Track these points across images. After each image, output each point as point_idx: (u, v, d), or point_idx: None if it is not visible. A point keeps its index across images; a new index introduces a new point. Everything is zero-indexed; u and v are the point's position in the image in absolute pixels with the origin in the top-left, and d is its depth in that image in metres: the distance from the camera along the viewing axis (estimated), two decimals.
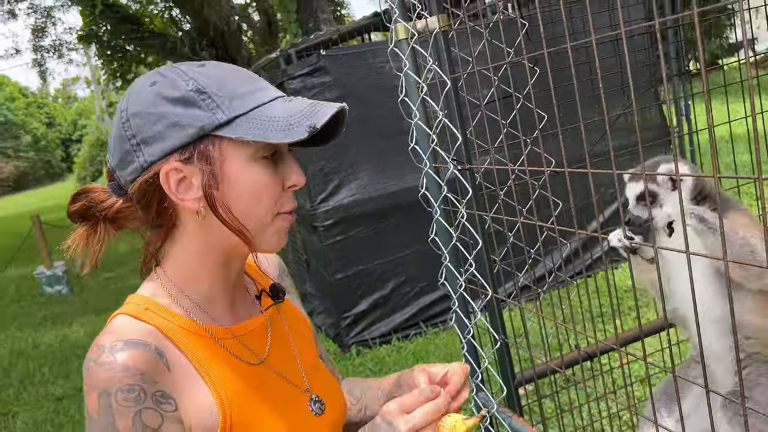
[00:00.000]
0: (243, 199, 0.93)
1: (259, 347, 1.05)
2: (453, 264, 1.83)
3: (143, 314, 0.94)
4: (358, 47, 4.66)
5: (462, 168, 1.67)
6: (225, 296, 1.04)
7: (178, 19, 13.94)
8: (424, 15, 1.66)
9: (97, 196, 0.98)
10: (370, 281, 4.74)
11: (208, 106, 0.90)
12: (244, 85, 0.94)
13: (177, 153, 0.91)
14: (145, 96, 0.92)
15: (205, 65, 0.95)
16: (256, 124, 0.90)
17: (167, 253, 1.00)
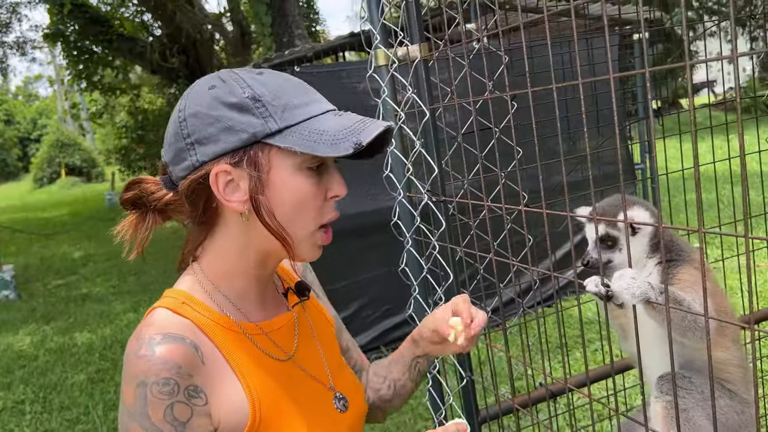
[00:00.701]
0: (286, 206, 0.96)
1: (287, 344, 1.08)
2: (422, 295, 1.79)
3: (180, 308, 0.97)
4: (332, 66, 4.63)
5: (437, 200, 1.65)
6: (257, 293, 1.07)
7: (150, 24, 13.73)
8: (405, 42, 1.64)
9: (149, 187, 1.03)
10: (334, 301, 4.64)
11: (261, 114, 0.93)
12: (298, 96, 0.97)
13: (228, 156, 0.94)
14: (203, 98, 0.95)
15: (264, 73, 0.99)
16: (305, 135, 0.93)
17: (206, 249, 1.04)
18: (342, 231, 5.51)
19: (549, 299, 5.20)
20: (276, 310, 1.11)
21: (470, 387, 1.73)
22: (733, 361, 1.29)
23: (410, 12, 1.62)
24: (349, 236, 4.61)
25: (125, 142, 16.90)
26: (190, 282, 1.03)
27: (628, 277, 1.06)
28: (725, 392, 1.27)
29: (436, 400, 1.77)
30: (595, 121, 2.74)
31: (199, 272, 1.03)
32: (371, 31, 1.68)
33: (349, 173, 3.97)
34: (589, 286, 1.15)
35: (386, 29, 1.68)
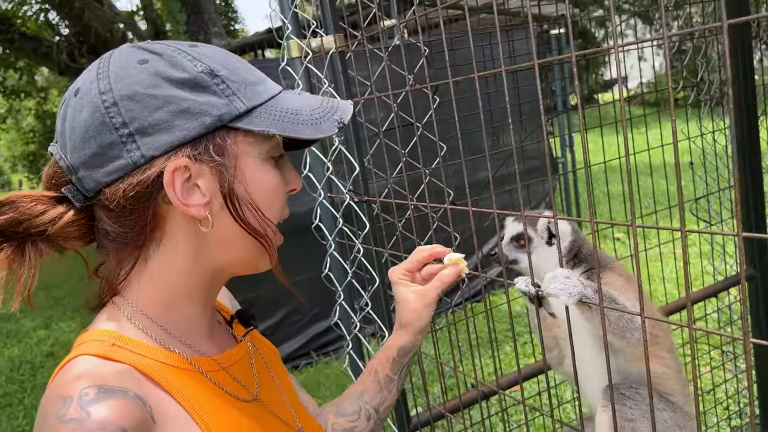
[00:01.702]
0: (259, 203, 0.79)
1: (248, 381, 0.88)
2: (347, 301, 1.70)
3: (110, 352, 0.73)
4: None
5: (359, 200, 1.55)
6: (206, 323, 0.87)
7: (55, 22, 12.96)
8: (320, 33, 1.54)
9: (32, 207, 0.75)
10: (258, 310, 4.49)
11: (223, 91, 0.75)
12: (252, 71, 0.79)
13: (187, 147, 0.74)
14: (137, 76, 0.73)
15: (198, 45, 0.79)
16: (278, 116, 0.76)
17: (132, 276, 0.80)
18: None
19: (477, 294, 5.22)
20: (228, 342, 0.91)
21: (400, 396, 1.65)
22: (669, 374, 1.27)
23: (324, 1, 1.52)
24: None
25: (33, 148, 16.01)
26: (115, 320, 0.79)
27: (562, 278, 1.00)
28: (668, 405, 1.25)
29: None
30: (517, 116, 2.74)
31: (126, 306, 0.80)
32: (282, 21, 1.57)
33: None
34: (519, 284, 1.09)
35: (299, 20, 1.57)
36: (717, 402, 2.62)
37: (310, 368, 4.58)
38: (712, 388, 2.47)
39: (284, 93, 0.81)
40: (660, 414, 1.19)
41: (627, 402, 1.18)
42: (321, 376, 4.41)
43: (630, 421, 1.16)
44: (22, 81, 14.19)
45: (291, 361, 4.62)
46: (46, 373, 5.23)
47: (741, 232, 0.73)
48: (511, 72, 2.42)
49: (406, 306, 1.09)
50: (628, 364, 1.26)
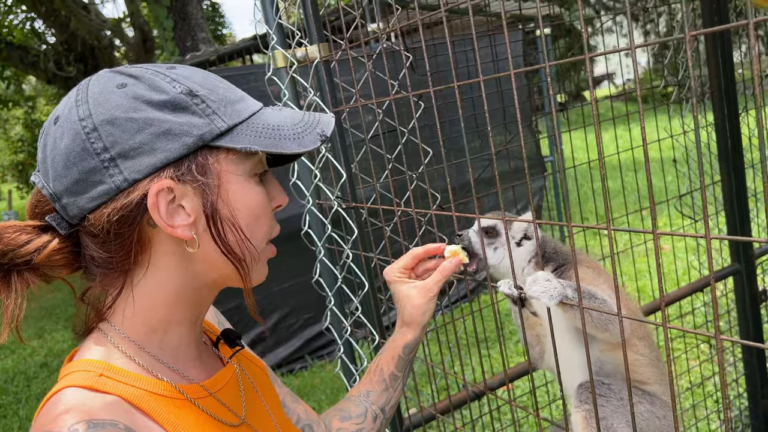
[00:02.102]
0: (242, 222, 0.79)
1: (235, 404, 0.88)
2: (338, 306, 1.72)
3: (98, 383, 0.73)
4: (239, 69, 4.47)
5: (347, 206, 1.57)
6: (193, 346, 0.86)
7: (42, 31, 12.90)
8: (304, 43, 1.56)
9: (16, 238, 0.75)
10: (250, 316, 4.51)
11: (203, 111, 0.75)
12: (231, 90, 0.80)
13: (170, 168, 0.74)
14: (116, 100, 0.73)
15: (177, 67, 0.80)
16: (261, 132, 0.77)
17: (121, 300, 0.80)
18: None
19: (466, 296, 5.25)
20: (215, 365, 0.91)
21: None
22: (643, 361, 1.29)
23: (307, 11, 1.54)
24: None
25: (22, 157, 15.92)
26: (103, 347, 0.78)
27: (543, 281, 1.03)
28: (645, 397, 1.27)
29: None
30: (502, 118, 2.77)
31: (113, 332, 0.79)
32: (267, 32, 1.59)
33: None
34: (502, 287, 1.11)
35: (283, 30, 1.59)
36: (707, 395, 2.65)
37: (304, 372, 4.60)
38: (701, 381, 2.51)
39: (265, 109, 0.82)
40: (636, 408, 1.22)
41: (598, 399, 1.20)
42: (316, 380, 4.43)
43: (603, 419, 1.19)
44: (10, 90, 14.12)
45: (286, 365, 4.63)
46: (41, 383, 5.21)
47: (709, 234, 0.76)
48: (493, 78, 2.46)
49: (409, 302, 1.12)
50: (602, 354, 1.28)
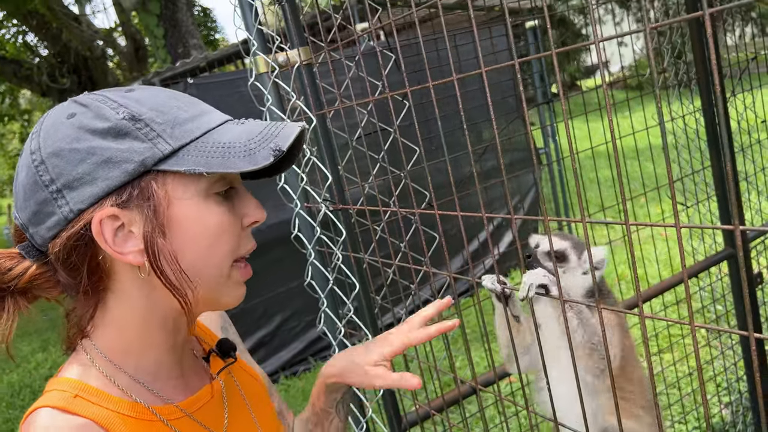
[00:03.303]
0: (196, 246, 0.77)
1: (215, 422, 0.89)
2: (331, 308, 1.73)
3: (72, 404, 0.75)
4: (228, 74, 4.48)
5: (335, 208, 1.58)
6: (173, 366, 0.87)
7: (34, 44, 12.92)
8: (285, 48, 1.57)
9: (2, 264, 0.79)
10: (253, 320, 4.52)
11: (146, 135, 0.74)
12: (185, 108, 0.78)
13: (112, 196, 0.74)
14: (63, 131, 0.74)
15: (135, 89, 0.79)
16: (208, 152, 0.74)
17: (98, 322, 0.82)
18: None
19: (465, 292, 5.26)
20: (200, 382, 0.91)
21: (388, 395, 1.68)
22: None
23: (287, 16, 1.54)
24: (256, 251, 4.47)
25: None
26: (82, 366, 0.80)
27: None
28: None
29: (355, 413, 1.71)
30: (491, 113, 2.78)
31: (93, 351, 0.81)
32: (248, 38, 1.60)
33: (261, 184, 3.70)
34: (485, 282, 1.12)
35: (264, 35, 1.60)
36: (705, 380, 2.66)
37: (308, 373, 4.61)
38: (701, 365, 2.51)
39: (225, 125, 0.79)
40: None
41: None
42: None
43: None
44: (5, 105, 14.15)
45: (289, 368, 4.64)
46: None
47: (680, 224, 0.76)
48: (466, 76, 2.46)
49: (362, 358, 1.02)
50: (607, 416, 1.27)
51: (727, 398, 2.73)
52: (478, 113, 3.63)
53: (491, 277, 1.12)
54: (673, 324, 2.91)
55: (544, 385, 1.39)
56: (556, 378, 1.06)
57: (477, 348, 4.18)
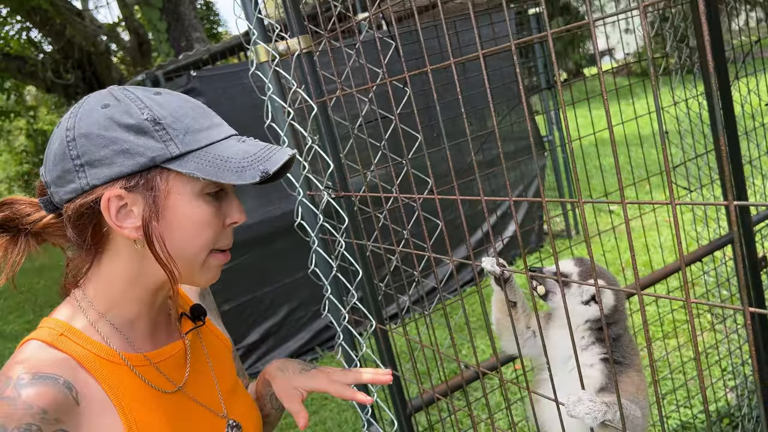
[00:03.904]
0: (182, 234, 0.93)
1: (177, 374, 1.03)
2: (335, 295, 1.74)
3: (58, 341, 0.91)
4: (231, 66, 4.48)
5: (337, 195, 1.59)
6: (147, 322, 1.02)
7: (38, 40, 12.95)
8: (285, 37, 1.57)
9: (23, 209, 0.96)
10: (261, 310, 4.55)
11: (161, 137, 0.89)
12: (198, 120, 0.93)
13: (123, 180, 0.89)
14: (96, 117, 0.89)
15: (162, 93, 0.94)
16: (209, 161, 0.90)
17: (91, 275, 0.97)
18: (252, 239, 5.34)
19: (470, 281, 5.28)
20: (167, 338, 1.06)
21: (392, 381, 1.69)
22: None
23: (286, 4, 1.55)
24: (262, 243, 4.51)
25: (27, 168, 16.02)
26: (71, 311, 0.96)
27: (587, 401, 1.05)
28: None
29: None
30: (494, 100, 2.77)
31: (83, 300, 0.96)
32: (249, 27, 1.60)
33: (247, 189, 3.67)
34: (485, 264, 1.12)
35: (264, 24, 1.61)
36: (710, 364, 2.67)
37: (315, 363, 4.65)
38: (704, 349, 2.52)
39: (228, 140, 0.94)
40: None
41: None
42: None
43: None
44: (11, 101, 14.20)
45: (296, 357, 4.67)
46: None
47: (675, 201, 0.77)
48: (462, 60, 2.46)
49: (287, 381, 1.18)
50: None
51: (733, 382, 2.73)
52: (480, 100, 3.62)
53: (491, 259, 1.13)
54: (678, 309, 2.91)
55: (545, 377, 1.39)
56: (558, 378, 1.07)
57: (482, 336, 4.20)
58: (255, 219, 4.44)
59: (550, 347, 1.37)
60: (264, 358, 4.59)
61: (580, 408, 1.05)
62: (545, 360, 1.01)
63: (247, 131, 4.02)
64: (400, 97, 1.46)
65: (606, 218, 6.09)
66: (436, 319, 4.30)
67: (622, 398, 1.18)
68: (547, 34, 0.85)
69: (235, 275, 4.44)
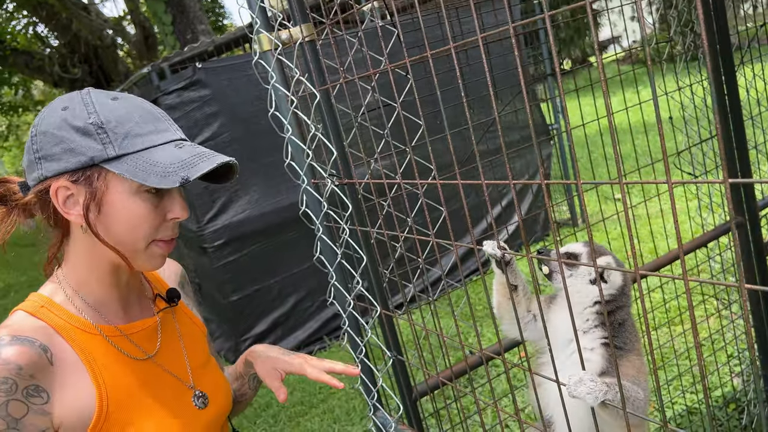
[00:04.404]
0: (119, 226, 1.05)
1: (148, 345, 1.16)
2: (340, 281, 1.76)
3: (39, 311, 1.05)
4: (236, 58, 4.49)
5: (340, 183, 1.61)
6: (117, 299, 1.14)
7: (45, 35, 12.99)
8: (288, 25, 1.58)
9: (12, 188, 1.10)
10: (269, 300, 4.58)
11: (102, 140, 1.01)
12: (143, 125, 1.04)
13: (68, 174, 1.02)
14: (54, 118, 1.03)
15: (118, 99, 1.06)
16: (139, 164, 1.01)
17: (65, 256, 1.12)
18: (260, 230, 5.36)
19: (475, 271, 5.28)
20: (141, 314, 1.20)
21: (399, 366, 1.71)
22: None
23: None
24: (269, 233, 4.53)
25: None
26: (53, 287, 1.10)
27: (588, 381, 1.06)
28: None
29: (367, 384, 1.75)
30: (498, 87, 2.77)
31: (62, 278, 1.11)
32: (251, 17, 1.61)
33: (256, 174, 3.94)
34: (486, 247, 1.14)
35: (266, 13, 1.61)
36: (715, 350, 2.67)
37: (323, 352, 4.68)
38: (709, 335, 2.52)
39: (166, 146, 1.05)
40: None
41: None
42: (335, 359, 4.50)
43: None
44: (19, 96, 14.27)
45: (305, 347, 4.71)
46: None
47: (672, 181, 0.78)
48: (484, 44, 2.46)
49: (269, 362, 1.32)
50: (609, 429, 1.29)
51: (739, 368, 2.74)
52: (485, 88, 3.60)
53: (492, 243, 1.14)
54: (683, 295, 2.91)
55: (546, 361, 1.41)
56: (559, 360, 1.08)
57: (488, 325, 4.21)
58: (263, 210, 4.46)
59: (551, 330, 1.38)
60: None
61: (582, 388, 1.07)
62: (546, 343, 1.03)
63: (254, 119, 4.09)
64: (403, 87, 1.47)
65: (612, 207, 6.08)
66: (441, 307, 4.32)
67: (623, 380, 1.19)
68: (545, 16, 0.86)
69: (243, 266, 4.47)
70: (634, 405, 1.19)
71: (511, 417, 2.46)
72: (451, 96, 1.26)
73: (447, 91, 1.45)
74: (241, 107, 4.29)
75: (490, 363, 3.05)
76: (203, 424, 1.19)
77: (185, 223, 4.71)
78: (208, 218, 4.33)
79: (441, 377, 1.63)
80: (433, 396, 1.80)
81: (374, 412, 1.73)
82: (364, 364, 1.76)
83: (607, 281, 1.33)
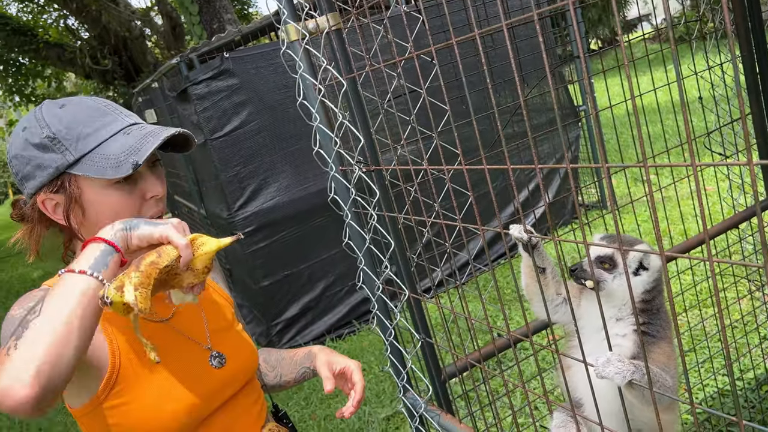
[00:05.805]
0: (105, 218, 1.13)
1: (165, 311, 1.25)
2: (369, 266, 1.79)
3: None
4: (264, 47, 4.53)
5: (368, 170, 1.63)
6: None
7: (75, 28, 13.22)
8: (314, 15, 1.61)
9: (24, 207, 1.21)
10: (299, 285, 4.66)
11: (59, 149, 1.11)
12: (89, 123, 1.13)
13: (46, 187, 1.13)
14: (18, 140, 1.14)
15: (65, 105, 1.15)
16: (96, 161, 1.10)
17: (74, 246, 1.23)
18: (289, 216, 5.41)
19: (502, 255, 5.28)
20: None
21: (428, 348, 1.75)
22: None
23: None
24: (299, 220, 4.58)
25: None
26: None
27: (616, 361, 1.08)
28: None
29: (396, 366, 1.79)
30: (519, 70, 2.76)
31: None
32: (278, 7, 1.64)
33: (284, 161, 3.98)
34: (513, 231, 1.15)
35: (293, 4, 1.64)
36: (747, 332, 2.64)
37: (353, 336, 4.74)
38: (741, 317, 2.50)
39: (115, 136, 1.12)
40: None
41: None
42: (364, 342, 4.57)
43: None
44: (51, 88, 14.57)
45: (335, 331, 4.78)
46: None
47: (696, 163, 0.79)
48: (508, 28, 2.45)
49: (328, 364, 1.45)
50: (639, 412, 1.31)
51: None
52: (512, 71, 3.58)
53: (518, 226, 1.15)
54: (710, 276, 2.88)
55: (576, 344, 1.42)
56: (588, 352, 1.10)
57: (516, 308, 4.22)
58: (293, 196, 4.52)
59: (584, 315, 1.40)
60: (303, 332, 4.71)
61: (610, 369, 1.08)
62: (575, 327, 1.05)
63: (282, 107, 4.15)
64: (428, 72, 1.49)
65: (641, 189, 6.00)
66: (469, 291, 4.34)
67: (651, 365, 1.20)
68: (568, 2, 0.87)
69: (273, 251, 4.54)
70: (662, 391, 1.20)
71: (540, 398, 2.48)
72: (477, 80, 1.28)
73: (473, 76, 1.46)
74: (268, 95, 4.34)
75: (518, 346, 3.07)
76: (219, 381, 1.26)
77: (216, 211, 4.80)
78: (239, 205, 4.41)
79: (469, 359, 1.65)
80: (462, 378, 1.83)
81: (404, 393, 1.77)
82: (394, 346, 1.80)
83: (647, 268, 1.32)
